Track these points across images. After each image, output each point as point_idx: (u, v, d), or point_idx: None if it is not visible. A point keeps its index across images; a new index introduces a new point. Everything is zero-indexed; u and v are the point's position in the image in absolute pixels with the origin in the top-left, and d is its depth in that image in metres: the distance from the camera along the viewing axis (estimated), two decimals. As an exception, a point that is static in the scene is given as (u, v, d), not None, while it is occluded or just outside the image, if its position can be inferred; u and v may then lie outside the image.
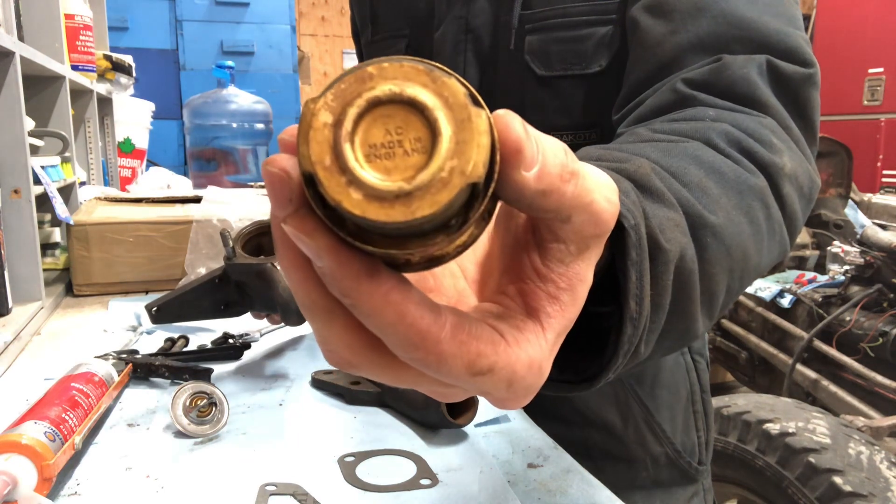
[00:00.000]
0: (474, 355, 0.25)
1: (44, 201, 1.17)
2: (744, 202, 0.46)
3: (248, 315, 0.87)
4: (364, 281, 0.23)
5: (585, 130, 0.72)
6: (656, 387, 0.79)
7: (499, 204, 0.26)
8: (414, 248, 0.23)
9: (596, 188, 0.27)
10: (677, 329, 0.40)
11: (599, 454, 0.78)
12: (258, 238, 0.80)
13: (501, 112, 0.24)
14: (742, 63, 0.56)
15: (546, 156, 0.25)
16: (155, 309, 0.77)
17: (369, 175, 0.22)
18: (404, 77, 0.22)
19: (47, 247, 1.41)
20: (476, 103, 0.22)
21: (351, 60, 6.20)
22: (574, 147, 0.38)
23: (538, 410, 0.77)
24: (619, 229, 0.33)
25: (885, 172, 4.43)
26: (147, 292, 1.24)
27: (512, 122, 0.23)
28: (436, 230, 0.23)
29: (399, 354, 0.25)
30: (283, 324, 0.87)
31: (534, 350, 0.27)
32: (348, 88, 0.22)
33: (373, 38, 0.86)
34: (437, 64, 0.23)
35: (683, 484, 0.81)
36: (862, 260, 2.29)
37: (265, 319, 0.87)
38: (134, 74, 2.27)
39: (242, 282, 0.77)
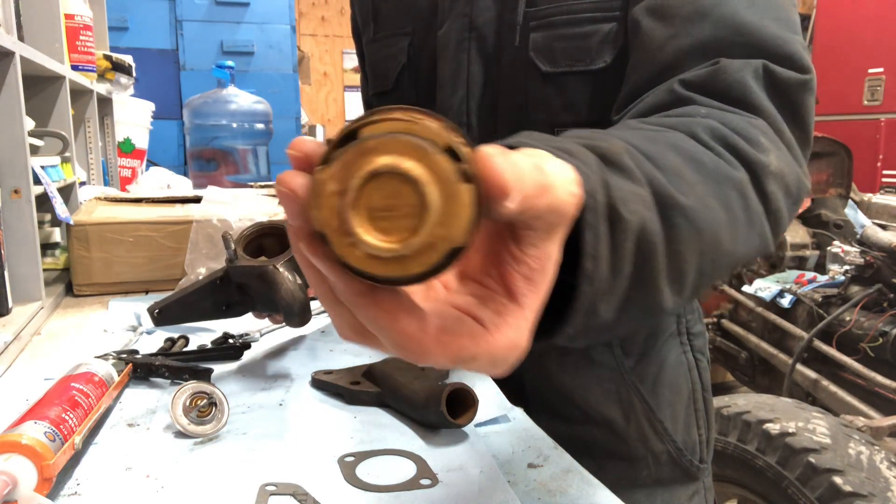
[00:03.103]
0: (456, 350, 0.30)
1: (44, 201, 1.17)
2: (721, 191, 0.47)
3: (249, 315, 0.87)
4: (364, 296, 0.29)
5: (590, 127, 0.72)
6: (658, 385, 0.79)
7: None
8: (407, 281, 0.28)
9: (562, 189, 0.32)
10: (642, 299, 0.42)
11: (601, 452, 0.78)
12: (259, 239, 0.80)
13: (488, 153, 0.28)
14: (738, 67, 0.57)
15: (525, 183, 0.29)
16: (157, 311, 0.77)
17: (370, 238, 0.26)
18: (401, 152, 0.26)
19: (47, 247, 1.41)
20: (464, 177, 0.26)
21: (351, 60, 6.20)
22: None
23: (540, 408, 0.77)
24: None
25: (885, 172, 4.42)
26: (147, 292, 1.24)
27: (499, 166, 0.27)
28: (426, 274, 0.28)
29: (390, 350, 0.30)
30: (284, 324, 0.87)
31: (514, 333, 0.31)
32: (352, 160, 0.26)
33: (374, 37, 0.86)
34: (439, 129, 0.27)
35: (685, 482, 0.81)
36: (862, 260, 2.28)
37: (266, 319, 0.87)
38: (134, 74, 2.27)
39: (244, 283, 0.77)
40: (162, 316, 0.78)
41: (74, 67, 1.71)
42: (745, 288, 2.70)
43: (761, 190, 0.51)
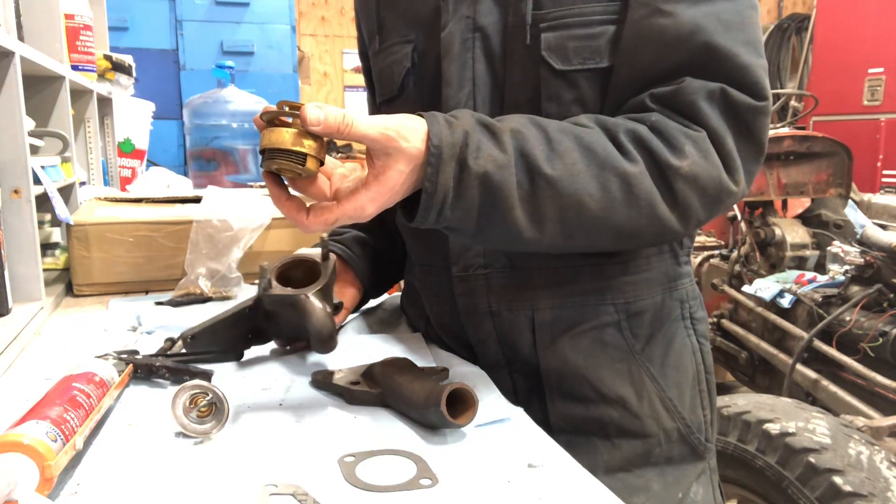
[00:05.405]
0: (323, 222, 0.63)
1: (44, 201, 1.17)
2: (602, 174, 0.66)
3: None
4: (275, 198, 0.66)
5: None
6: (665, 366, 0.83)
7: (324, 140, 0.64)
8: (294, 169, 0.63)
9: (368, 131, 0.61)
10: (496, 219, 0.65)
11: (616, 431, 0.81)
12: (290, 271, 0.82)
13: (304, 106, 0.60)
14: (696, 88, 0.69)
15: (328, 119, 0.60)
16: (190, 337, 0.79)
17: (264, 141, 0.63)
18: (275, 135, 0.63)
19: (47, 247, 1.41)
20: (297, 127, 0.63)
21: (351, 60, 6.20)
22: None
23: (556, 392, 0.81)
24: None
25: (885, 172, 4.42)
26: (147, 292, 1.24)
27: (308, 112, 0.60)
28: (290, 155, 0.62)
29: (294, 222, 0.65)
30: (310, 350, 0.89)
31: (358, 202, 0.63)
32: (266, 133, 0.64)
33: (380, 48, 0.90)
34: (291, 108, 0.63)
35: (693, 461, 0.84)
36: (862, 260, 2.28)
37: (287, 348, 0.88)
38: (134, 74, 2.27)
39: (273, 311, 0.79)
40: (194, 342, 0.80)
41: (74, 67, 1.71)
42: (745, 288, 2.70)
43: (666, 185, 0.67)
